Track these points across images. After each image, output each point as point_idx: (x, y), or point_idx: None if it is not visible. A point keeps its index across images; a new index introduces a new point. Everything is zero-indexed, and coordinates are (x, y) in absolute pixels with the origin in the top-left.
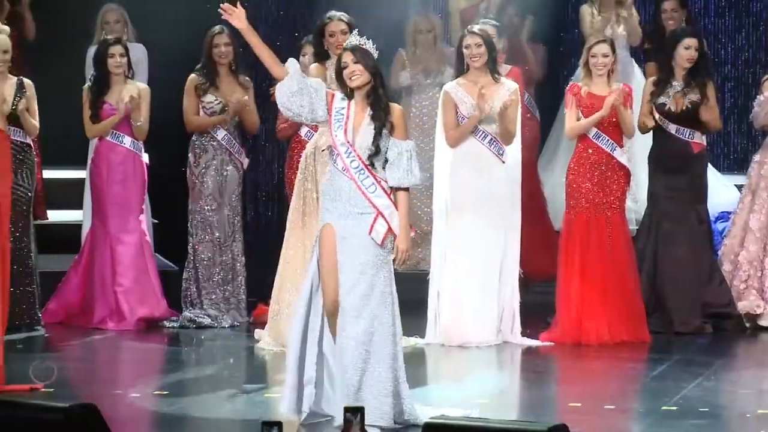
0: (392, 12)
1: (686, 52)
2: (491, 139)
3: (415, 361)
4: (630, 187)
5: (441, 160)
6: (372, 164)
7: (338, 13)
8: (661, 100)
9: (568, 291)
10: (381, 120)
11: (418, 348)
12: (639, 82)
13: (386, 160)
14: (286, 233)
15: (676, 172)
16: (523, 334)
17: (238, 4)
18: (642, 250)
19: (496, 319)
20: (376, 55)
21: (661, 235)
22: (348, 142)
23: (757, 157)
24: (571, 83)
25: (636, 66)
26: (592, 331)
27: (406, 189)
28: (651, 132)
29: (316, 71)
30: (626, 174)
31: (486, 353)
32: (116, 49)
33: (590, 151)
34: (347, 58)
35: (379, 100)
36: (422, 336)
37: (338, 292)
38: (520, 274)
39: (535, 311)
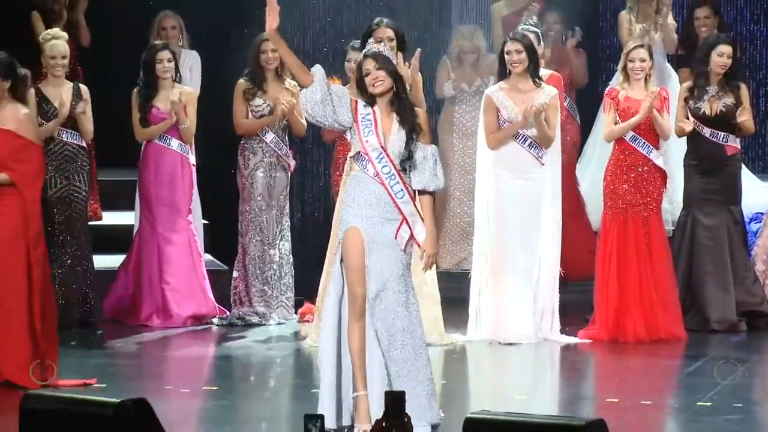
0: (433, 19)
1: (719, 59)
2: (531, 142)
3: (457, 358)
4: (666, 189)
5: (482, 162)
6: (404, 169)
7: (386, 19)
8: (696, 104)
9: (606, 289)
10: (410, 124)
11: (460, 344)
12: (675, 86)
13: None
14: (332, 234)
15: (711, 174)
16: (562, 331)
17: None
18: (678, 249)
19: (536, 317)
20: (395, 61)
21: (696, 235)
22: (381, 146)
23: None
24: (609, 87)
25: (672, 71)
26: (629, 329)
27: (431, 193)
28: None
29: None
30: (662, 176)
31: (526, 350)
32: (164, 54)
33: (627, 153)
34: (369, 65)
35: (404, 105)
36: (464, 333)
37: (363, 287)
38: (560, 273)
39: (574, 309)
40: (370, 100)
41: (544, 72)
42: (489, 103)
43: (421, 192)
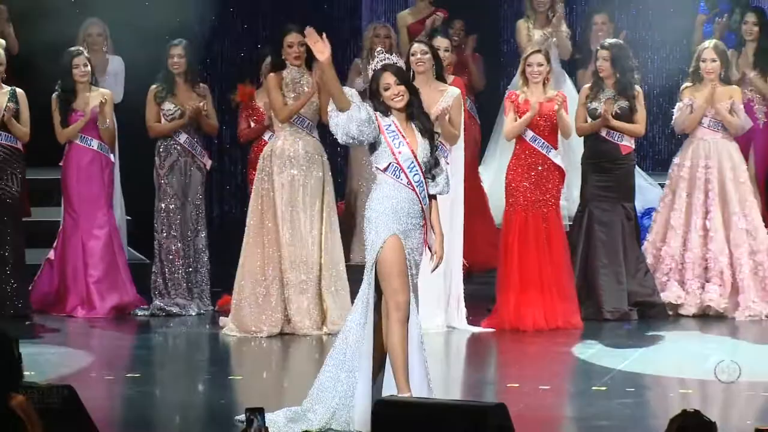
0: (344, 26)
1: (597, 62)
2: None
3: None
4: (563, 186)
5: None
6: (432, 177)
7: (296, 26)
8: (593, 105)
9: (507, 281)
10: (430, 132)
11: None
12: (570, 91)
13: None
14: (246, 229)
15: (607, 172)
16: (467, 321)
17: (324, 36)
18: (575, 244)
19: (442, 307)
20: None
21: (592, 230)
22: (414, 156)
23: (677, 160)
24: (509, 91)
25: (567, 77)
26: (529, 318)
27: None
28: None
29: (273, 80)
30: (561, 174)
31: (434, 339)
32: (80, 60)
33: (528, 152)
34: (389, 79)
35: (422, 114)
36: None
37: (409, 293)
38: (463, 266)
39: (477, 300)
40: (386, 110)
41: (449, 77)
42: None
43: (433, 197)
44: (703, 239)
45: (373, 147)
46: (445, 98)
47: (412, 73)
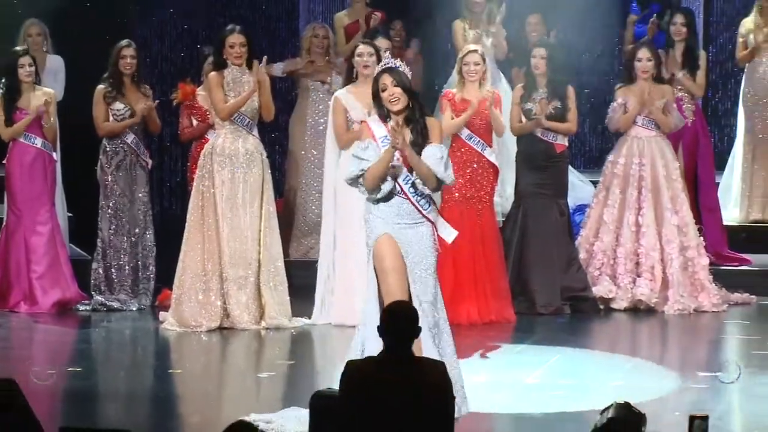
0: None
1: (533, 60)
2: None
3: (305, 340)
4: (497, 183)
5: (330, 158)
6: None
7: (238, 26)
8: (528, 105)
9: (441, 276)
10: (423, 138)
11: (306, 328)
12: (505, 90)
13: None
14: (187, 225)
15: (542, 170)
16: None
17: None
18: (509, 239)
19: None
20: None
21: (526, 226)
22: (407, 168)
23: (610, 157)
24: (445, 90)
25: (503, 75)
26: (463, 312)
27: None
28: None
29: (215, 79)
30: (495, 171)
31: None
32: (25, 60)
33: (463, 150)
34: (386, 80)
35: (417, 120)
36: (309, 317)
37: (404, 291)
38: None
39: None
40: (386, 113)
41: None
42: (338, 105)
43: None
44: (635, 235)
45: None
46: None
47: (356, 73)
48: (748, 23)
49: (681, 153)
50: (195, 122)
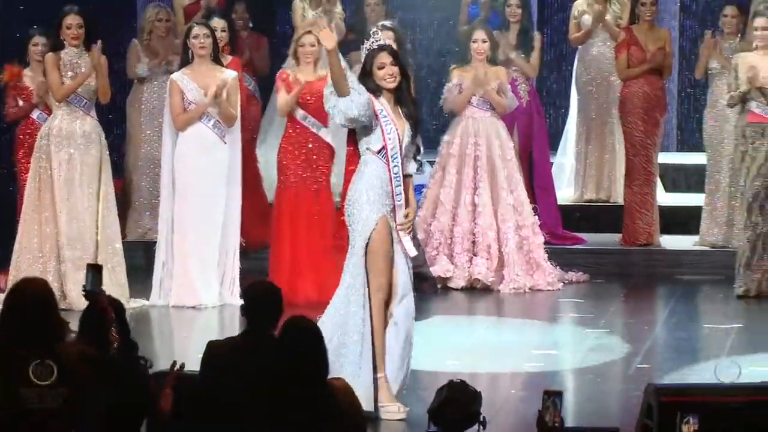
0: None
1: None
2: (215, 122)
3: (144, 321)
4: (334, 164)
5: (167, 140)
6: (414, 158)
7: (76, 7)
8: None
9: (280, 256)
10: (414, 118)
11: (145, 309)
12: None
13: None
14: (24, 207)
15: None
16: (241, 296)
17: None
18: None
19: (218, 283)
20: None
21: None
22: (399, 141)
23: (446, 138)
24: (281, 70)
25: (341, 56)
26: (301, 292)
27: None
28: None
29: (51, 60)
30: (331, 151)
31: (210, 313)
32: None
33: (298, 131)
34: (385, 59)
35: (408, 97)
36: (148, 298)
37: (391, 275)
38: (240, 243)
39: (253, 276)
40: (375, 91)
41: (225, 57)
42: (174, 87)
43: (409, 175)
44: (471, 214)
45: (366, 129)
46: (222, 78)
47: (190, 54)
48: (580, 5)
49: (516, 133)
50: (21, 103)
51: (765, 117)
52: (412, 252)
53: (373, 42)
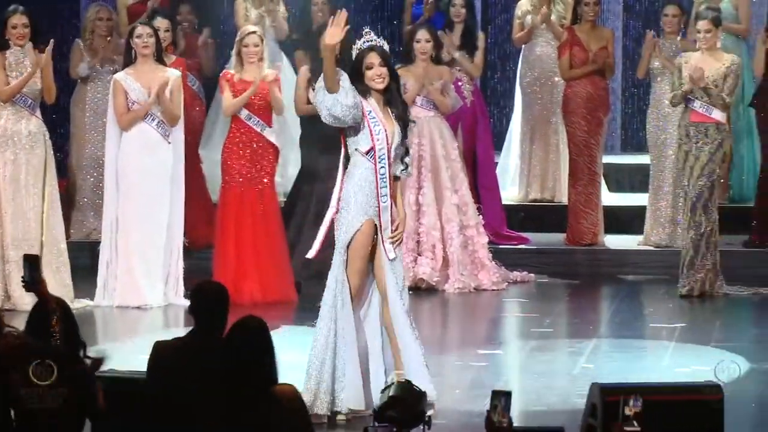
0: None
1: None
2: (159, 121)
3: (88, 321)
4: (278, 164)
5: (111, 139)
6: (401, 160)
7: (21, 7)
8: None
9: (224, 256)
10: (404, 119)
11: (89, 309)
12: (286, 70)
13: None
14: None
15: (329, 151)
16: (185, 296)
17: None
18: (287, 219)
19: (163, 283)
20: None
21: (310, 205)
22: (388, 143)
23: None
24: (224, 71)
25: (284, 56)
26: (246, 292)
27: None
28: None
29: None
30: (275, 151)
31: (154, 313)
32: None
33: (243, 131)
34: (374, 59)
35: (397, 98)
36: (92, 299)
37: (364, 279)
38: (184, 243)
39: (197, 276)
40: (365, 92)
41: (170, 57)
42: (118, 87)
43: (398, 178)
44: (415, 214)
45: (355, 130)
46: (164, 78)
47: (134, 54)
48: (524, 5)
49: (460, 133)
50: None
51: (708, 116)
52: (391, 255)
53: (363, 42)
